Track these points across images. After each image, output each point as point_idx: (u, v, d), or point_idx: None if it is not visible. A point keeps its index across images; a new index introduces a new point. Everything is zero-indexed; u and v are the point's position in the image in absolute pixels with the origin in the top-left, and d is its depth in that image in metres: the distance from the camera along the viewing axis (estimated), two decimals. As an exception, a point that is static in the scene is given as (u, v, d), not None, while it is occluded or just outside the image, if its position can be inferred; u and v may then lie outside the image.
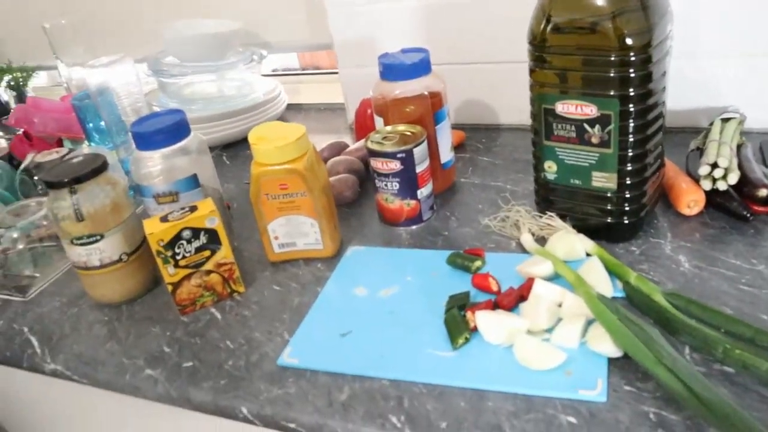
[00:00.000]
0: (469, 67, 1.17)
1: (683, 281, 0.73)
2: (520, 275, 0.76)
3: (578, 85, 0.75)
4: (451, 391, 0.64)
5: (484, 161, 1.07)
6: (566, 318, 0.68)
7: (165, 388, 0.72)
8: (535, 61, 0.77)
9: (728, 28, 0.98)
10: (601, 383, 0.61)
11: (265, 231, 0.85)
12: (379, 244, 0.89)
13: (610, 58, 0.71)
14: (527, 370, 0.64)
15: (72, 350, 0.80)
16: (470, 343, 0.68)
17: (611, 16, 0.69)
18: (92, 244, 0.81)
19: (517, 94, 1.11)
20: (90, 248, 0.81)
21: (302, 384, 0.68)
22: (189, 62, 1.35)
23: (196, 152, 0.87)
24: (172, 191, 0.86)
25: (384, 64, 0.92)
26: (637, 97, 0.72)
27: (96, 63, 1.15)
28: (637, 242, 0.81)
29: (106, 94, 1.16)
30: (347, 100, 1.31)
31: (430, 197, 0.91)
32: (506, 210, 0.90)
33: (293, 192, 0.81)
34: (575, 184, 0.80)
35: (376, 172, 0.88)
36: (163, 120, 0.87)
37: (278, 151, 0.80)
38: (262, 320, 0.79)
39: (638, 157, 0.76)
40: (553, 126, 0.78)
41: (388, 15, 1.17)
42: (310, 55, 1.76)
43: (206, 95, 1.39)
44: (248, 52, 1.39)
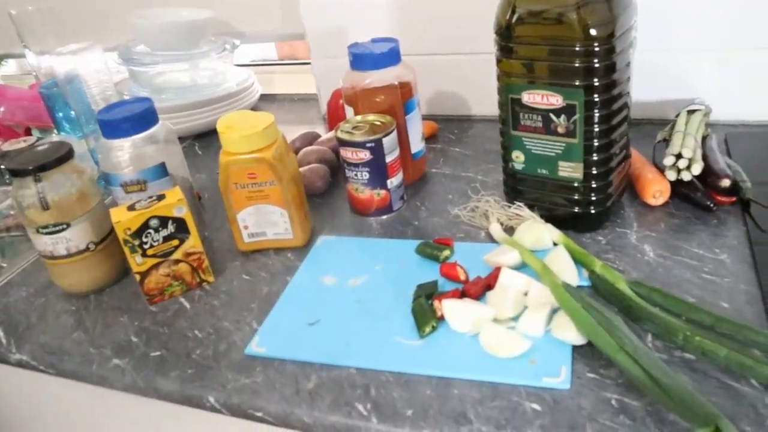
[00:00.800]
0: (442, 58, 1.17)
1: (648, 270, 0.74)
2: (488, 264, 0.77)
3: (545, 75, 0.75)
4: (418, 379, 0.64)
5: (455, 152, 1.08)
6: (532, 306, 0.69)
7: (132, 377, 0.72)
8: (502, 51, 0.77)
9: (699, 22, 0.99)
10: (565, 371, 0.62)
11: (234, 220, 0.85)
12: (350, 234, 0.90)
13: (575, 48, 0.71)
14: (493, 357, 0.65)
15: (38, 340, 0.80)
16: (437, 331, 0.69)
17: (575, 7, 0.70)
18: (58, 233, 0.80)
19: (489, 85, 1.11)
20: (56, 237, 0.80)
21: (270, 373, 0.68)
22: (160, 51, 1.34)
23: (164, 141, 0.87)
24: (140, 180, 0.85)
25: (354, 54, 0.92)
26: (601, 87, 0.73)
27: (64, 50, 1.13)
28: (603, 232, 0.82)
29: (75, 83, 1.14)
30: (320, 90, 1.31)
31: (401, 187, 0.91)
32: (476, 200, 0.90)
33: (262, 181, 0.81)
34: (542, 174, 0.81)
35: (346, 161, 0.88)
36: (130, 108, 0.86)
37: (246, 139, 0.79)
38: (230, 310, 0.78)
39: (603, 147, 0.77)
40: (520, 116, 0.79)
41: (360, 5, 1.17)
42: (288, 46, 1.75)
43: (178, 84, 1.38)
44: (221, 41, 1.38)
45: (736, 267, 0.73)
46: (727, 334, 0.62)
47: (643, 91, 0.97)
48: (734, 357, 0.59)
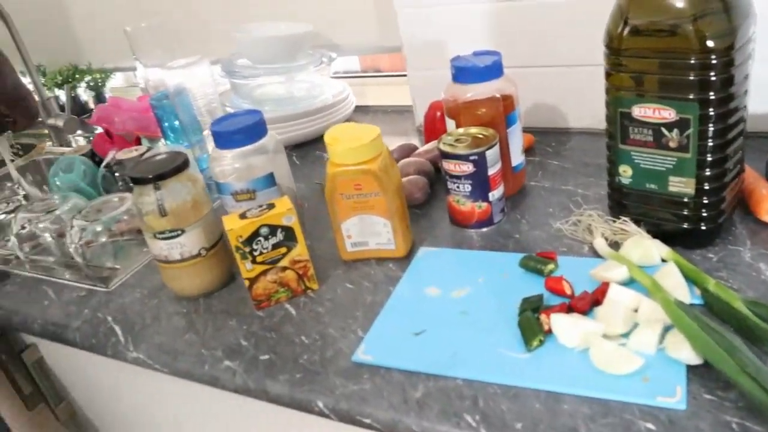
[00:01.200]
0: (540, 70, 1.16)
1: (764, 290, 0.72)
2: (594, 279, 0.76)
3: (655, 89, 0.74)
4: (526, 393, 0.64)
5: (553, 165, 1.07)
6: (643, 323, 0.68)
7: (243, 379, 0.74)
8: (612, 64, 0.76)
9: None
10: (680, 391, 0.60)
11: (338, 229, 0.87)
12: (450, 245, 0.90)
13: (691, 61, 0.70)
14: (603, 374, 0.64)
15: (153, 340, 0.84)
16: (544, 345, 0.68)
17: (692, 19, 0.69)
18: (174, 238, 0.84)
19: (588, 97, 1.10)
20: (171, 242, 0.84)
21: (377, 381, 0.69)
22: (261, 64, 1.38)
23: (273, 151, 0.90)
24: (249, 189, 0.88)
25: (456, 67, 0.93)
26: (717, 101, 0.71)
27: (174, 65, 1.19)
28: (714, 249, 0.79)
29: (183, 95, 1.20)
30: (415, 102, 1.32)
31: (501, 200, 0.91)
32: (578, 214, 0.89)
33: (367, 192, 0.83)
34: (651, 188, 0.80)
35: (448, 174, 0.88)
36: (242, 120, 0.89)
37: (353, 151, 0.81)
38: (335, 317, 0.80)
39: (717, 162, 0.75)
40: (629, 129, 0.78)
41: (458, 17, 1.18)
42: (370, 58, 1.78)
43: (276, 96, 1.42)
44: (318, 54, 1.41)
45: None
46: None
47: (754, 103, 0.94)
48: None
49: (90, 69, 1.88)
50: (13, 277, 1.06)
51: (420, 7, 1.20)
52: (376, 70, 1.78)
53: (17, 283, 1.04)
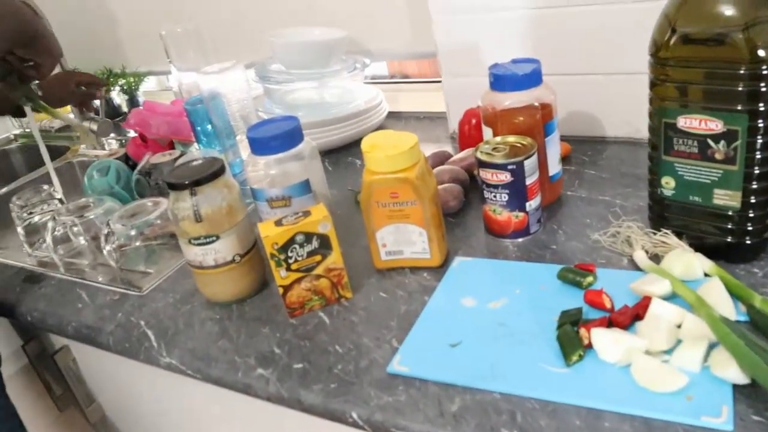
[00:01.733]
0: (576, 78, 1.15)
1: (812, 307, 0.70)
2: (635, 293, 0.74)
3: (699, 99, 0.72)
4: (565, 409, 0.63)
5: (590, 174, 1.05)
6: (686, 340, 0.66)
7: (276, 387, 0.74)
8: (657, 73, 0.75)
9: None
10: (727, 411, 0.59)
11: (373, 238, 0.86)
12: (485, 255, 0.89)
13: (740, 71, 0.68)
14: (645, 391, 0.62)
15: (186, 345, 0.84)
16: (584, 360, 0.67)
17: (743, 27, 0.67)
18: (208, 244, 0.84)
19: (626, 106, 1.08)
20: (206, 248, 0.84)
21: (412, 392, 0.68)
22: (294, 69, 1.38)
23: (309, 158, 0.89)
24: (285, 195, 0.88)
25: (495, 75, 0.92)
26: (767, 112, 0.69)
27: (209, 69, 1.20)
28: (759, 264, 0.77)
29: (217, 100, 1.20)
30: (449, 109, 1.31)
31: (538, 210, 0.90)
32: (617, 225, 0.88)
33: (403, 201, 0.82)
34: (694, 201, 0.78)
35: (485, 183, 0.87)
36: (278, 126, 0.89)
37: (390, 159, 0.81)
38: (369, 326, 0.79)
39: (765, 175, 0.73)
40: (673, 140, 0.76)
41: (493, 24, 1.16)
42: (398, 63, 1.77)
43: (309, 102, 1.42)
44: (351, 60, 1.41)
45: None
46: None
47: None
48: None
49: (124, 72, 1.90)
50: (48, 279, 1.07)
51: (455, 13, 1.19)
52: (404, 76, 1.77)
53: (52, 286, 1.05)
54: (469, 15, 1.18)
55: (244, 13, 1.65)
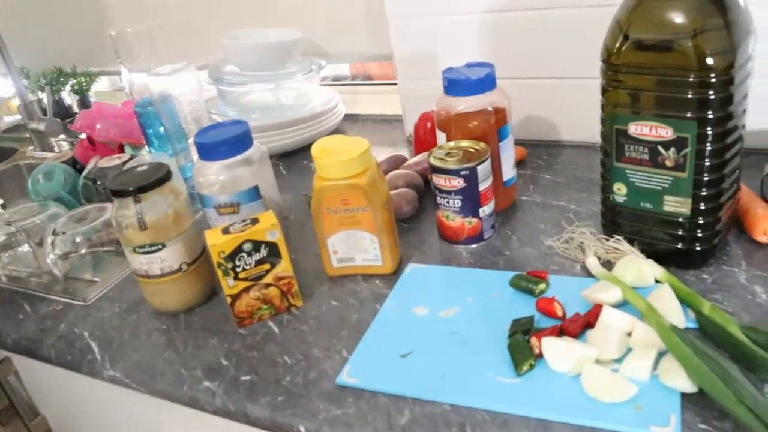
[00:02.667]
0: (531, 82, 1.15)
1: (760, 313, 0.70)
2: (586, 301, 0.74)
3: (651, 106, 0.72)
4: (515, 420, 0.62)
5: (545, 179, 1.05)
6: (636, 348, 0.66)
7: (223, 401, 0.72)
8: (609, 80, 0.74)
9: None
10: (675, 420, 0.58)
11: (324, 245, 0.85)
12: (439, 262, 0.88)
13: (689, 78, 0.68)
14: (595, 401, 0.62)
15: (131, 357, 0.81)
16: (535, 370, 0.66)
17: (692, 35, 0.67)
18: (154, 253, 0.81)
19: (581, 110, 1.08)
20: (151, 257, 0.82)
21: (361, 405, 0.67)
22: (249, 71, 1.36)
23: (258, 163, 0.87)
24: (233, 202, 0.86)
25: (448, 79, 0.91)
26: (716, 120, 0.69)
27: (160, 71, 1.17)
28: (708, 270, 0.78)
29: (168, 102, 1.17)
30: (405, 112, 1.30)
31: (492, 215, 0.89)
32: (570, 231, 0.87)
33: (354, 207, 0.80)
34: (645, 207, 0.78)
35: (438, 188, 0.86)
36: (226, 131, 0.87)
37: (341, 165, 0.79)
38: (320, 336, 0.78)
39: (714, 181, 0.73)
40: (624, 147, 0.76)
41: (450, 28, 1.16)
42: (361, 64, 1.76)
43: (264, 104, 1.40)
44: (307, 62, 1.39)
45: None
46: None
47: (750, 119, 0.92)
48: None
49: (75, 72, 1.84)
50: (-11, 288, 1.03)
51: (412, 17, 1.18)
52: (367, 76, 1.76)
53: (-7, 295, 1.01)
54: (426, 18, 1.17)
55: (199, 14, 1.61)
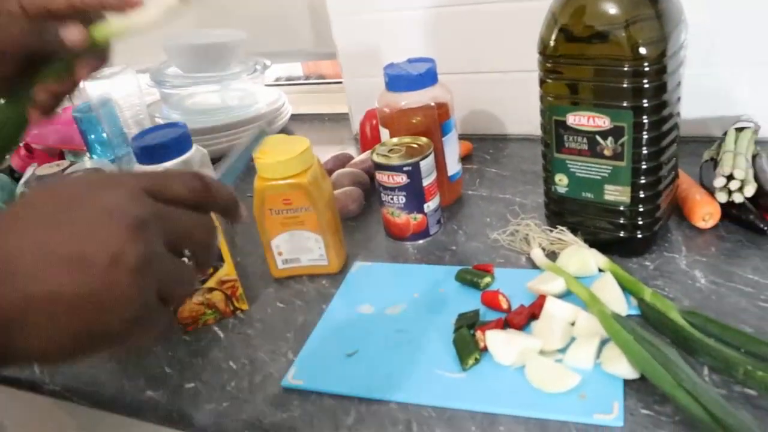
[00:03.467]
0: (476, 77, 1.15)
1: (700, 298, 0.71)
2: (531, 292, 0.74)
3: (590, 96, 0.73)
4: (461, 415, 0.62)
5: (491, 173, 1.05)
6: (580, 338, 0.66)
7: (167, 410, 0.70)
8: (546, 71, 0.75)
9: (742, 37, 0.96)
10: (618, 407, 0.59)
11: (268, 246, 0.83)
12: (386, 259, 0.87)
13: (624, 68, 0.69)
14: (540, 392, 0.62)
15: (72, 370, 0.78)
16: (480, 363, 0.66)
17: (625, 25, 0.67)
18: (92, 261, 0.79)
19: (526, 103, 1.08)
20: (89, 265, 0.79)
21: (307, 407, 0.66)
22: (192, 73, 1.33)
23: (198, 166, 0.86)
24: (173, 206, 0.83)
25: (389, 75, 0.90)
26: (651, 109, 0.70)
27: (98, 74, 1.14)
28: (650, 257, 0.79)
29: (108, 106, 1.14)
30: (352, 110, 1.29)
31: (437, 211, 0.89)
32: (515, 224, 0.87)
33: (297, 207, 0.79)
34: (587, 197, 0.78)
35: (382, 185, 0.86)
36: (164, 133, 0.85)
37: (282, 165, 0.78)
38: (265, 339, 0.76)
39: (652, 169, 0.74)
40: (564, 138, 0.76)
41: (393, 24, 1.15)
42: (314, 64, 1.74)
43: (209, 106, 1.37)
44: (251, 62, 1.37)
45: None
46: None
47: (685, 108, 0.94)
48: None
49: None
50: None
51: (354, 13, 1.17)
52: (320, 76, 1.74)
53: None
54: (368, 15, 1.16)
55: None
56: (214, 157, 1.26)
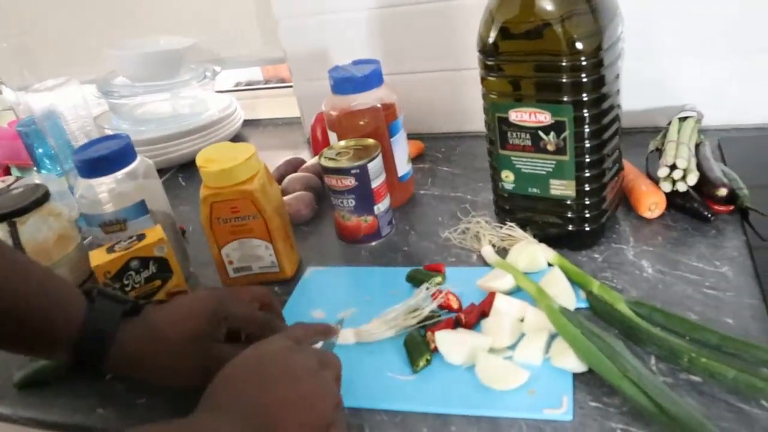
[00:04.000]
0: (426, 76, 1.15)
1: (647, 287, 0.72)
2: (482, 290, 0.74)
3: (531, 92, 0.73)
4: (414, 417, 0.61)
5: (443, 171, 1.06)
6: (529, 333, 0.66)
7: (118, 426, 0.69)
8: (486, 68, 0.75)
9: (682, 29, 0.98)
10: (567, 401, 0.59)
11: (218, 256, 0.82)
12: (339, 263, 0.87)
13: (561, 63, 0.69)
14: (490, 390, 0.62)
15: (18, 392, 0.76)
16: (432, 364, 0.66)
17: (560, 20, 0.68)
18: (36, 279, 0.77)
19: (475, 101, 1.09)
20: (34, 283, 0.77)
21: (259, 417, 0.65)
22: (140, 82, 1.31)
23: (143, 177, 0.84)
24: (119, 219, 0.82)
25: (334, 78, 0.90)
26: (590, 102, 0.71)
27: (41, 87, 1.11)
28: (599, 249, 0.79)
29: (53, 119, 1.12)
30: (303, 114, 1.29)
31: (388, 212, 0.88)
32: (466, 222, 0.88)
33: (245, 215, 0.78)
34: (533, 192, 0.79)
35: (332, 189, 0.85)
36: (107, 145, 0.83)
37: (227, 173, 0.77)
38: (217, 350, 0.75)
39: (595, 162, 0.75)
40: (507, 135, 0.76)
41: (339, 26, 1.15)
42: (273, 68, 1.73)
43: (160, 115, 1.35)
44: (201, 69, 1.36)
45: (738, 280, 0.70)
46: (734, 354, 0.59)
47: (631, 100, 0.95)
48: (743, 378, 0.56)
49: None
50: None
51: (300, 16, 1.17)
52: (280, 80, 1.73)
53: None
54: (314, 17, 1.16)
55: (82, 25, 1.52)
56: (166, 166, 1.26)
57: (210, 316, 0.64)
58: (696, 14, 0.96)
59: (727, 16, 0.95)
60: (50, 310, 0.61)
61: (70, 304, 0.61)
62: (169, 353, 0.62)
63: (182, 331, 0.63)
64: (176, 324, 0.63)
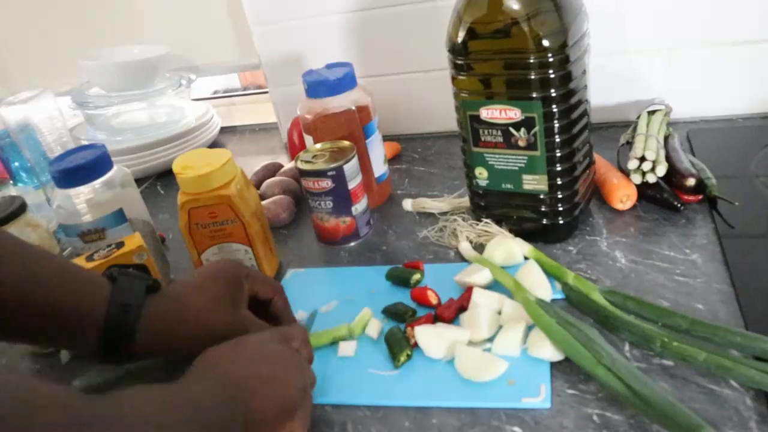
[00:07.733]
0: (400, 77, 1.16)
1: (620, 277, 0.74)
2: (459, 285, 0.76)
3: (502, 90, 0.75)
4: (395, 411, 0.62)
5: (420, 171, 1.07)
6: (506, 325, 0.67)
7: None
8: (456, 68, 0.76)
9: (649, 22, 1.00)
10: (545, 389, 0.61)
11: (199, 261, 0.83)
12: (319, 265, 0.88)
13: (529, 60, 0.71)
14: (470, 382, 0.63)
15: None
16: (412, 359, 0.67)
17: (526, 18, 0.69)
18: (16, 290, 0.77)
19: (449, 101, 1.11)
20: (14, 295, 0.77)
21: (243, 418, 0.66)
22: (115, 92, 1.31)
23: (121, 185, 0.84)
24: (98, 228, 0.82)
25: (308, 82, 0.91)
26: (558, 98, 0.73)
27: (14, 99, 1.11)
28: (573, 241, 0.81)
29: (28, 131, 1.12)
30: (280, 119, 1.29)
31: (366, 213, 0.89)
32: (443, 220, 0.89)
33: (223, 220, 0.79)
34: (507, 188, 0.80)
35: (309, 191, 0.86)
36: (83, 155, 0.83)
37: (204, 179, 0.77)
38: (200, 354, 0.76)
39: (566, 156, 0.76)
40: (479, 132, 0.78)
41: (312, 31, 1.16)
42: (251, 74, 1.74)
43: (136, 124, 1.35)
44: (176, 77, 1.36)
45: (707, 266, 0.72)
46: (704, 337, 0.61)
47: (601, 95, 0.97)
48: (713, 360, 0.58)
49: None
50: None
51: (274, 23, 1.17)
52: (258, 86, 1.74)
53: None
54: (286, 23, 1.17)
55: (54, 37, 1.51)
56: (144, 175, 1.26)
57: (232, 278, 0.66)
58: (662, 9, 0.98)
59: (693, 10, 0.97)
60: (78, 296, 0.60)
61: (95, 286, 0.61)
62: (197, 320, 0.63)
63: (206, 296, 0.64)
64: (200, 289, 0.65)
